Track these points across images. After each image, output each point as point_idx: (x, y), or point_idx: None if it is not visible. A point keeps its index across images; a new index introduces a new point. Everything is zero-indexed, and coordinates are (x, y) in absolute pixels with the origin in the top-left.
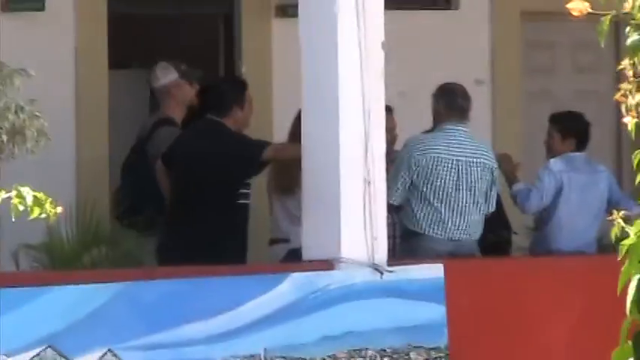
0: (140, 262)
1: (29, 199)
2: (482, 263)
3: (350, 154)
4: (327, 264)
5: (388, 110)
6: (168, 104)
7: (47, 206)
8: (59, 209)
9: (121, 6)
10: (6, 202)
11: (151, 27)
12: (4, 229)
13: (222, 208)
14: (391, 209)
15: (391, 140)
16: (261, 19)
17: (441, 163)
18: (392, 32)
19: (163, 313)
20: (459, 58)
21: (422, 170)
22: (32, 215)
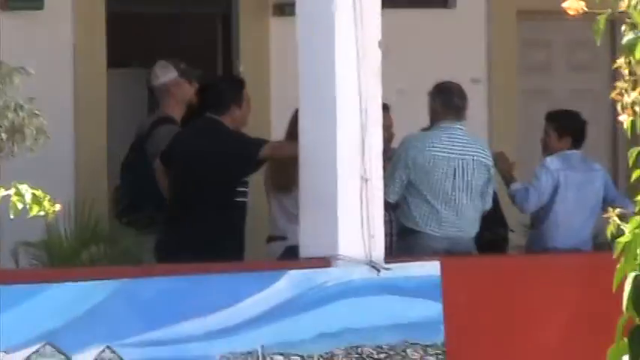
0: (138, 260)
1: (28, 197)
2: (479, 261)
3: (347, 152)
4: (324, 261)
5: (385, 108)
6: (167, 103)
7: (46, 204)
8: (57, 207)
9: (120, 5)
10: (5, 200)
11: (149, 26)
12: (4, 227)
13: (220, 206)
14: (388, 207)
15: (388, 138)
16: (258, 18)
17: (437, 161)
18: (389, 31)
19: (161, 310)
20: (455, 56)
21: (419, 168)
22: (31, 213)
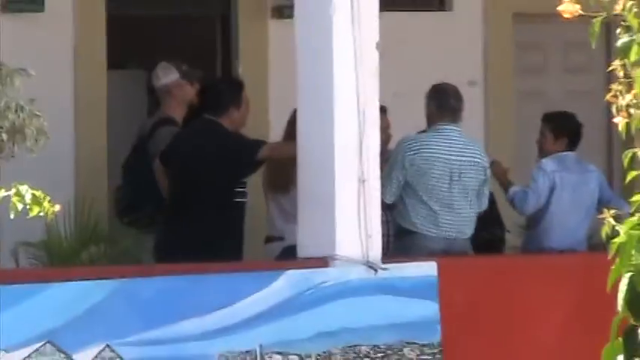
0: (138, 260)
1: (28, 198)
2: (475, 261)
3: (345, 154)
4: (322, 261)
5: (382, 110)
6: (169, 104)
7: (45, 204)
8: (57, 207)
9: (119, 7)
10: (5, 201)
11: (149, 28)
12: (4, 227)
13: (219, 206)
14: (385, 207)
15: (385, 140)
16: (257, 20)
17: (434, 162)
18: (386, 33)
19: (161, 310)
20: (452, 59)
21: (415, 169)
22: (31, 214)
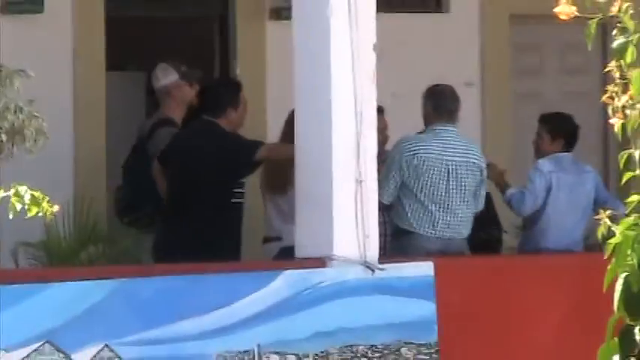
0: (137, 260)
1: (27, 198)
2: (472, 261)
3: (342, 154)
4: (319, 261)
5: (380, 111)
6: (168, 105)
7: (44, 205)
8: (56, 208)
9: (118, 9)
10: (5, 201)
11: (148, 29)
12: (3, 227)
13: (217, 206)
14: (382, 208)
15: (383, 140)
16: (255, 22)
17: (431, 163)
18: (384, 34)
19: (159, 310)
20: (449, 60)
21: (413, 170)
22: (29, 214)
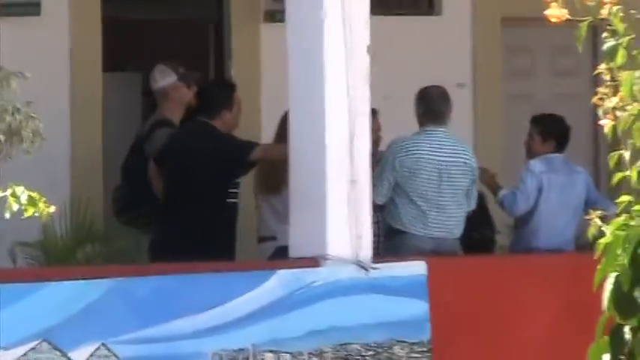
0: (133, 259)
1: (24, 198)
2: (464, 261)
3: (336, 155)
4: (313, 261)
5: (373, 112)
6: (166, 106)
7: (41, 205)
8: (52, 208)
9: (115, 11)
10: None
11: (143, 31)
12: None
13: (212, 207)
14: (375, 208)
15: (376, 141)
16: (250, 24)
17: (423, 163)
18: (377, 37)
19: (155, 309)
20: (441, 62)
21: (406, 170)
22: (26, 214)
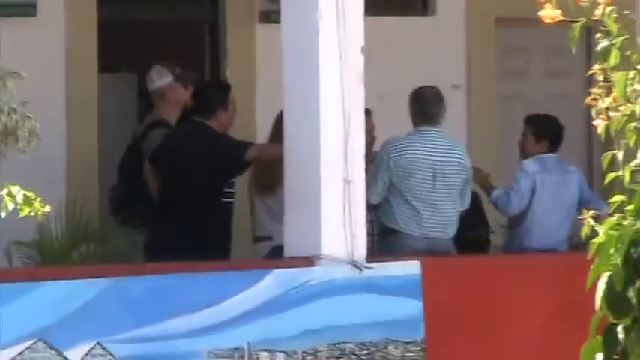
0: (128, 259)
1: (20, 198)
2: (458, 260)
3: (330, 155)
4: (307, 260)
5: (367, 112)
6: (163, 106)
7: (36, 205)
8: (47, 208)
9: (111, 12)
10: None
11: (139, 31)
12: None
13: (207, 206)
14: (369, 207)
15: (370, 141)
16: (245, 25)
17: (418, 163)
18: (371, 37)
19: (151, 308)
20: (436, 62)
21: (400, 170)
22: (22, 214)
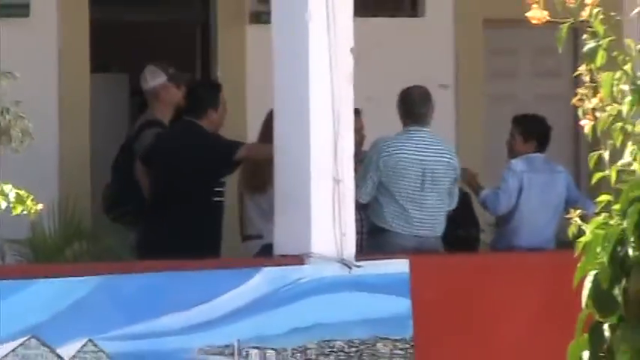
0: (120, 257)
1: (12, 196)
2: (446, 258)
3: (320, 154)
4: (297, 259)
5: (356, 112)
6: (157, 106)
7: (29, 203)
8: (40, 206)
9: (103, 12)
10: None
11: (131, 32)
12: None
13: (198, 205)
14: (358, 206)
15: (359, 141)
16: (236, 25)
17: (406, 163)
18: (360, 38)
19: (142, 305)
20: (424, 63)
21: (389, 170)
22: (14, 212)
